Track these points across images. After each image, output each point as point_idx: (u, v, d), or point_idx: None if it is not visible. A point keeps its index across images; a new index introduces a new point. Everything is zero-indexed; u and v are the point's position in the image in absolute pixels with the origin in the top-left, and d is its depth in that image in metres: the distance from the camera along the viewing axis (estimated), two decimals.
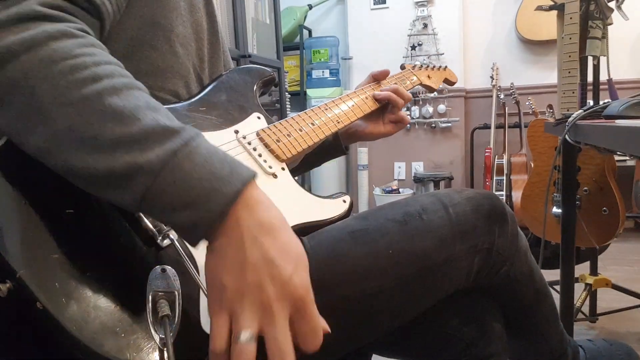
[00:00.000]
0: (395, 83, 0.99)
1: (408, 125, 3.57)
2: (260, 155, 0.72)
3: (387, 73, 0.98)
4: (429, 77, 1.09)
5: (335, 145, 0.98)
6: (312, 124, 0.81)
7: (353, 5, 3.70)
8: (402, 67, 1.08)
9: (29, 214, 0.50)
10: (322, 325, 0.50)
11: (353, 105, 0.88)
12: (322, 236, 0.71)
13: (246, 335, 0.47)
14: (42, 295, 0.47)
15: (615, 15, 1.40)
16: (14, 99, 0.47)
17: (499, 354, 0.80)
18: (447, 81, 1.15)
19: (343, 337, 0.70)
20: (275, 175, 0.72)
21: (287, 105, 2.86)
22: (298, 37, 3.79)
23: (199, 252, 0.58)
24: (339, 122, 0.85)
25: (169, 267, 0.54)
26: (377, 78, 0.98)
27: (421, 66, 1.09)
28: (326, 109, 0.85)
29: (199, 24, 0.77)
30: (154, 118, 0.49)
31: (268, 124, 0.77)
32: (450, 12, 3.48)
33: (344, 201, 0.77)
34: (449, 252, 0.72)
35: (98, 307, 0.49)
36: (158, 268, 0.53)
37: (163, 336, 0.49)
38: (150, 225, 0.56)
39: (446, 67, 1.15)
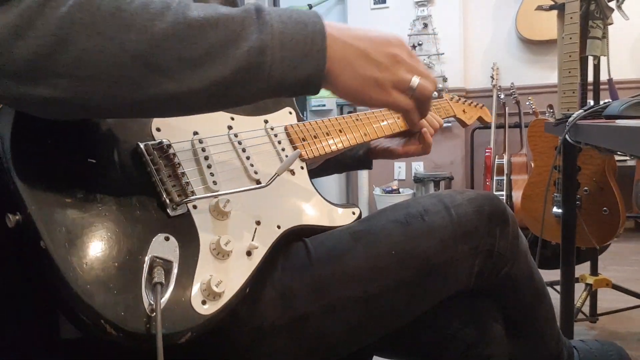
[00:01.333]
0: (431, 110, 0.98)
1: None
2: (283, 150, 0.74)
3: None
4: (464, 111, 1.10)
5: (364, 160, 0.99)
6: (340, 132, 0.82)
7: (353, 5, 3.70)
8: (439, 94, 1.08)
9: (52, 155, 0.51)
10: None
11: (384, 123, 0.89)
12: (323, 236, 0.71)
13: (415, 79, 0.59)
14: (47, 236, 0.48)
15: (615, 15, 1.40)
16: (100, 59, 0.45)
17: (499, 355, 0.80)
18: (480, 119, 1.15)
19: (345, 337, 0.70)
20: (293, 172, 0.74)
21: None
22: None
23: (206, 229, 0.59)
24: (365, 135, 0.85)
25: (173, 237, 0.55)
26: None
27: (459, 99, 1.10)
28: (357, 120, 0.86)
29: None
30: (231, 10, 0.51)
31: (298, 119, 0.78)
32: (451, 12, 3.48)
33: (353, 213, 0.78)
34: (451, 253, 0.72)
35: (97, 259, 0.50)
36: (162, 235, 0.55)
37: (152, 302, 0.50)
38: (164, 193, 0.57)
39: (483, 105, 1.16)
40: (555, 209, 1.76)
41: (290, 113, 0.78)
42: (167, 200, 0.57)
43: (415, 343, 0.82)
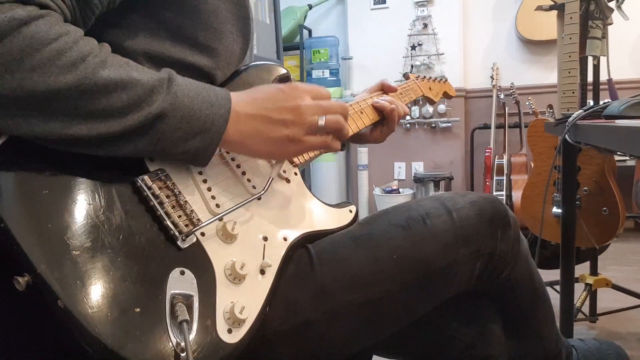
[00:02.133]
0: (401, 94, 1.00)
1: (408, 125, 3.58)
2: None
3: (395, 90, 0.98)
4: (430, 88, 1.12)
5: None
6: None
7: (353, 5, 3.70)
8: (406, 76, 1.09)
9: (50, 205, 0.50)
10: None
11: (363, 115, 0.89)
12: (325, 242, 0.71)
13: (321, 120, 0.64)
14: (64, 294, 0.47)
15: (615, 15, 1.40)
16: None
17: (498, 355, 0.80)
18: (445, 95, 1.18)
19: (347, 341, 0.71)
20: (288, 180, 0.73)
21: None
22: (298, 37, 3.79)
23: (218, 255, 0.58)
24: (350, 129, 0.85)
25: (188, 270, 0.55)
26: (385, 90, 0.97)
27: (424, 77, 1.11)
28: None
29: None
30: (145, 74, 0.54)
31: None
32: (450, 12, 3.48)
33: (350, 211, 0.78)
34: (452, 257, 0.72)
35: (119, 308, 0.49)
36: (177, 270, 0.54)
37: (180, 341, 0.50)
38: (172, 226, 0.56)
39: (446, 80, 1.19)
40: (555, 209, 1.76)
41: None
42: (176, 233, 0.56)
43: (415, 343, 0.83)
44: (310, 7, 3.82)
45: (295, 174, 0.75)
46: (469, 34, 3.53)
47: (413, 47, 3.54)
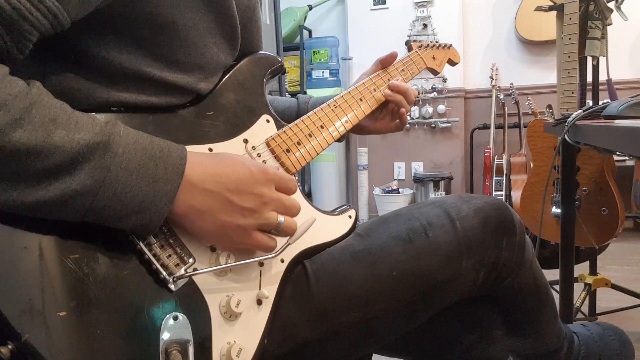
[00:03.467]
0: (404, 69, 0.92)
1: (407, 125, 3.58)
2: None
3: (394, 56, 0.91)
4: (433, 58, 1.02)
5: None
6: (322, 127, 0.76)
7: (353, 5, 3.70)
8: (408, 45, 1.01)
9: (30, 263, 0.46)
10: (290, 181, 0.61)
11: (362, 104, 0.83)
12: (323, 259, 0.68)
13: (281, 220, 0.58)
14: None
15: (614, 16, 1.41)
16: None
17: (499, 356, 0.79)
18: (450, 62, 1.07)
19: (344, 354, 0.69)
20: None
21: None
22: (298, 37, 3.79)
23: (212, 292, 0.56)
24: (347, 123, 0.80)
25: (182, 315, 0.52)
26: (384, 63, 0.90)
27: (427, 45, 1.02)
28: (335, 108, 0.79)
29: None
30: (70, 139, 0.46)
31: (277, 126, 0.72)
32: (450, 12, 3.48)
33: (350, 217, 0.73)
34: (455, 269, 0.70)
35: None
36: (170, 316, 0.52)
37: None
38: (161, 269, 0.53)
39: (450, 45, 1.08)
40: (554, 209, 1.76)
41: (268, 121, 0.71)
42: (167, 276, 0.53)
43: (416, 344, 0.82)
44: (310, 7, 3.83)
45: None
46: (468, 34, 3.54)
47: (414, 42, 3.53)
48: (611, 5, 1.39)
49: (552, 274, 1.69)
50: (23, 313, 0.44)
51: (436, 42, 1.05)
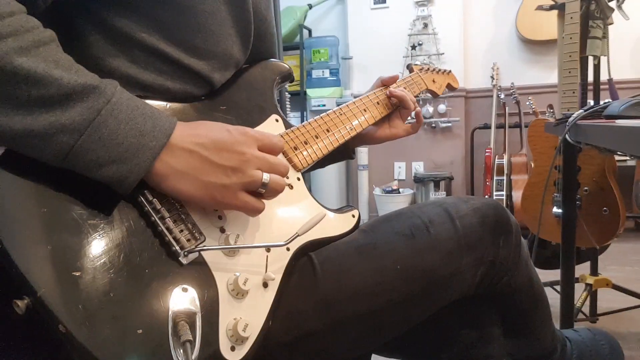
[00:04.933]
0: (405, 88, 0.96)
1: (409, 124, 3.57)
2: None
3: (396, 78, 0.95)
4: (433, 81, 1.07)
5: (344, 150, 0.97)
6: (328, 131, 0.79)
7: (353, 5, 3.70)
8: (409, 68, 1.05)
9: (48, 224, 0.48)
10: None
11: (367, 113, 0.87)
12: (328, 251, 0.70)
13: (266, 177, 0.57)
14: (66, 318, 0.45)
15: (615, 15, 1.40)
16: None
17: (497, 355, 0.80)
18: (449, 86, 1.13)
19: (348, 348, 0.71)
20: (291, 187, 0.71)
21: (287, 105, 2.86)
22: (298, 36, 3.79)
23: (220, 269, 0.57)
24: (352, 130, 0.83)
25: (190, 287, 0.54)
26: (386, 83, 0.94)
27: (428, 69, 1.07)
28: (341, 115, 0.83)
29: None
30: (70, 77, 0.48)
31: (285, 126, 0.75)
32: (451, 11, 3.48)
33: (353, 216, 0.75)
34: (455, 265, 0.72)
35: (121, 331, 0.48)
36: (179, 287, 0.53)
37: None
38: (174, 242, 0.54)
39: (450, 71, 1.13)
40: (555, 209, 1.76)
41: (277, 120, 0.74)
42: (178, 249, 0.54)
43: (414, 343, 0.83)
44: (310, 6, 3.82)
45: (298, 179, 0.73)
46: (469, 33, 3.53)
47: (413, 47, 3.54)
48: (612, 4, 1.39)
49: (553, 275, 1.69)
50: (39, 270, 0.46)
51: (436, 67, 1.11)
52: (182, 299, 0.52)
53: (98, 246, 0.50)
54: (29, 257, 0.46)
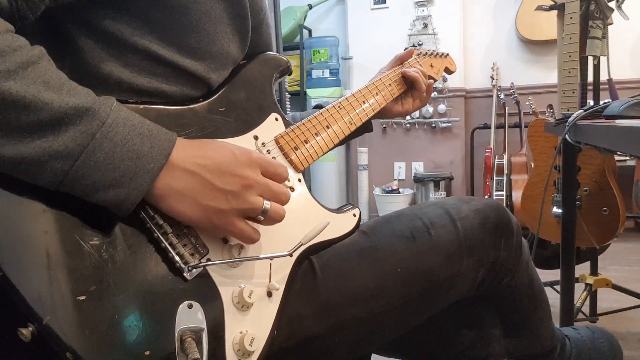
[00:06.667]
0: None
1: (407, 124, 3.57)
2: None
3: (411, 52, 0.96)
4: (431, 65, 1.05)
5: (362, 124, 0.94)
6: (327, 127, 0.77)
7: (353, 5, 3.69)
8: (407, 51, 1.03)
9: (50, 247, 0.47)
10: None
11: (365, 105, 0.85)
12: (329, 255, 0.70)
13: (266, 205, 0.56)
14: (74, 345, 0.45)
15: (615, 15, 1.40)
16: None
17: (496, 355, 0.80)
18: (447, 70, 1.11)
19: (349, 350, 0.71)
20: (292, 189, 0.70)
21: (287, 105, 2.86)
22: (298, 37, 3.78)
23: (225, 282, 0.57)
24: (351, 124, 0.81)
25: (196, 302, 0.53)
26: (403, 59, 0.96)
27: (426, 53, 1.05)
28: (340, 109, 0.81)
29: None
30: (61, 100, 0.46)
31: (285, 124, 0.73)
32: (450, 12, 3.48)
33: (354, 215, 0.74)
34: (456, 268, 0.72)
35: (130, 354, 0.47)
36: (184, 304, 0.53)
37: None
38: (177, 257, 0.54)
39: (447, 54, 1.11)
40: (555, 209, 1.76)
41: (277, 119, 0.72)
42: (182, 265, 0.54)
43: (415, 343, 0.83)
44: (310, 7, 3.82)
45: (299, 180, 0.72)
46: (469, 33, 3.53)
47: (413, 47, 3.53)
48: (612, 4, 1.39)
49: (552, 274, 1.69)
50: (43, 296, 0.45)
51: (433, 50, 1.08)
52: (188, 315, 0.52)
53: (101, 268, 0.49)
54: (31, 283, 0.44)
